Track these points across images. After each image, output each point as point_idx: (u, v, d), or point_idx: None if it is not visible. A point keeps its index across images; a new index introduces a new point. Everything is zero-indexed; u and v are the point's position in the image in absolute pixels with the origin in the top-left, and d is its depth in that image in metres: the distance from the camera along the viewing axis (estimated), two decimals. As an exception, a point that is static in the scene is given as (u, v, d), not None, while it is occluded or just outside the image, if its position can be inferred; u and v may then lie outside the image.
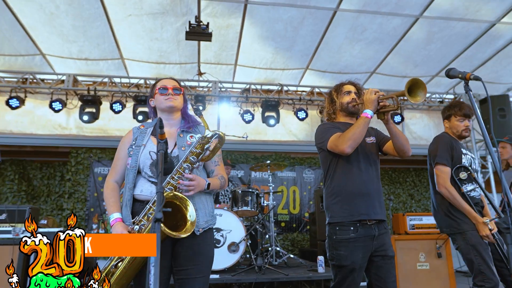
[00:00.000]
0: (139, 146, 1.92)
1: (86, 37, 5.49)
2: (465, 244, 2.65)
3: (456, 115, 2.92)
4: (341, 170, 2.32)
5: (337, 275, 2.29)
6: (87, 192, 6.38)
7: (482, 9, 5.08)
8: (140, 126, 2.07)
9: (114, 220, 1.79)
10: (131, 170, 1.88)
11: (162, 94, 1.98)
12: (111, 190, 1.91)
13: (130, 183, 1.85)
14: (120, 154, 1.98)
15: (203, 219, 1.86)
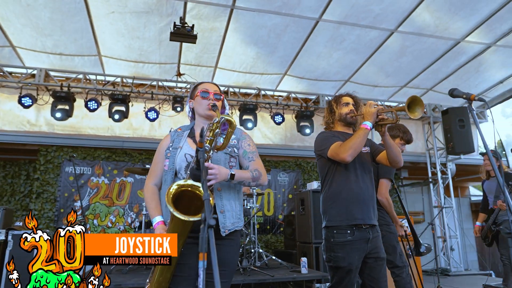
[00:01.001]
0: (176, 149, 1.95)
1: (63, 31, 5.30)
2: (390, 233, 3.13)
3: (402, 139, 3.32)
4: (339, 177, 2.46)
5: (335, 276, 2.43)
6: (57, 192, 6.12)
7: (450, 28, 5.50)
8: (177, 129, 2.10)
9: (156, 224, 1.82)
10: (169, 172, 1.91)
11: (203, 98, 2.01)
12: (152, 194, 1.94)
13: (169, 184, 1.87)
14: (158, 158, 2.00)
15: (229, 221, 1.88)
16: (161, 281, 1.72)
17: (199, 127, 2.05)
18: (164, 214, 1.86)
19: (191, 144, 1.98)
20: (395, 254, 3.09)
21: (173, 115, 6.64)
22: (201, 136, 1.47)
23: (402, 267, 3.08)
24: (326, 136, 2.56)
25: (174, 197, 1.62)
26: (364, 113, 2.36)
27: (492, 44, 5.91)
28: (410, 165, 8.13)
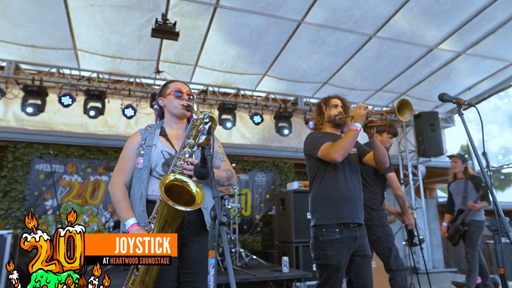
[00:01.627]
0: (150, 146, 1.92)
1: (37, 22, 5.08)
2: (386, 235, 3.18)
3: (389, 133, 3.44)
4: (328, 176, 2.51)
5: (323, 274, 2.47)
6: (26, 190, 5.84)
7: (425, 35, 5.73)
8: (147, 127, 2.06)
9: (131, 226, 1.76)
10: (145, 169, 1.87)
11: (177, 97, 1.99)
12: (123, 194, 1.87)
13: (145, 182, 1.84)
14: (129, 155, 1.94)
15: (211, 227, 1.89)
16: (147, 282, 1.69)
17: (170, 126, 2.05)
18: (138, 216, 1.80)
19: (164, 142, 1.97)
20: (390, 257, 3.14)
21: (151, 112, 6.51)
22: (208, 134, 1.46)
23: (396, 271, 3.11)
24: (316, 136, 2.61)
25: (165, 189, 1.62)
26: (354, 115, 2.42)
27: (462, 52, 6.20)
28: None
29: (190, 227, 1.84)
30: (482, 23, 5.50)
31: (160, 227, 1.64)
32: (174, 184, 1.68)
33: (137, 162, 1.90)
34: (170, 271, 1.77)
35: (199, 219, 1.85)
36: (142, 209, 1.81)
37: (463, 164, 5.06)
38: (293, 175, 7.61)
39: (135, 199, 1.85)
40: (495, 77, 7.10)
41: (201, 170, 1.53)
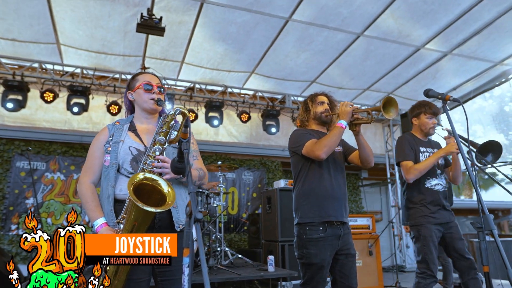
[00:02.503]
0: (117, 143, 1.84)
1: (17, 15, 4.93)
2: (418, 235, 2.92)
3: (426, 113, 3.07)
4: (312, 174, 2.49)
5: (307, 273, 2.43)
6: (6, 188, 5.68)
7: (412, 35, 5.75)
8: (115, 122, 1.97)
9: (100, 226, 1.69)
10: (112, 167, 1.79)
11: (147, 91, 1.90)
12: (92, 193, 1.78)
13: (112, 180, 1.77)
14: (96, 153, 1.86)
15: (183, 216, 1.83)
16: (117, 285, 1.64)
17: (140, 121, 1.97)
18: (107, 215, 1.74)
19: (133, 137, 1.89)
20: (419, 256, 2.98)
21: (136, 110, 6.40)
22: (185, 127, 1.40)
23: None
24: (301, 133, 2.58)
25: (134, 188, 1.57)
26: (340, 112, 2.40)
27: (448, 52, 6.25)
28: (370, 165, 8.41)
29: (161, 226, 1.78)
30: (468, 23, 5.54)
31: (128, 229, 1.58)
32: (143, 183, 1.61)
33: (104, 159, 1.82)
34: (143, 271, 1.72)
35: (168, 218, 1.79)
36: (110, 208, 1.74)
37: None
38: (280, 173, 7.59)
39: (103, 199, 1.78)
40: (480, 78, 7.17)
41: (178, 165, 1.48)
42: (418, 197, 2.97)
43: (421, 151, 3.04)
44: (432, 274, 2.83)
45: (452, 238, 2.91)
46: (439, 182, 3.00)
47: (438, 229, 2.92)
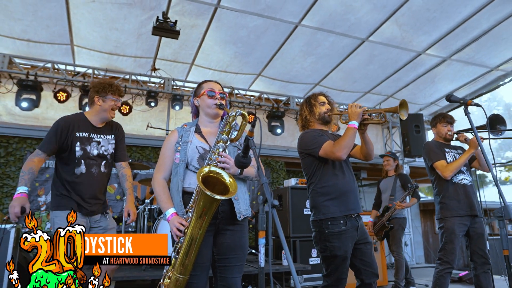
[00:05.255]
0: (186, 143, 2.05)
1: (35, 16, 5.05)
2: (445, 227, 3.27)
3: (441, 122, 3.52)
4: (327, 172, 2.64)
5: (331, 265, 2.59)
6: (19, 186, 5.76)
7: (414, 41, 6.01)
8: (183, 125, 2.19)
9: (170, 215, 1.89)
10: (181, 164, 2.00)
11: (210, 97, 2.12)
12: (163, 187, 2.01)
13: (181, 175, 1.97)
14: (167, 152, 2.08)
15: (243, 207, 2.04)
16: (187, 264, 1.81)
17: (204, 124, 2.18)
18: (176, 206, 1.95)
19: (199, 138, 2.10)
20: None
21: (146, 109, 6.55)
22: (252, 126, 1.59)
23: None
24: (314, 135, 2.70)
25: (202, 180, 1.74)
26: (350, 114, 2.53)
27: (447, 58, 6.53)
28: (369, 166, 8.66)
29: (223, 217, 1.97)
30: (467, 30, 5.83)
31: (198, 215, 1.76)
32: (209, 175, 1.80)
33: (174, 157, 2.04)
34: (205, 256, 1.90)
35: (230, 210, 1.98)
36: (179, 199, 1.94)
37: (394, 162, 5.34)
38: (284, 173, 7.78)
39: (173, 191, 1.98)
40: (476, 83, 7.48)
41: (242, 159, 1.66)
42: (446, 193, 3.31)
43: (446, 151, 3.41)
44: (448, 261, 3.16)
45: (476, 232, 3.25)
46: (465, 177, 3.35)
47: (463, 222, 3.23)
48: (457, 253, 3.18)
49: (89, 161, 2.78)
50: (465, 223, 3.22)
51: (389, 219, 4.87)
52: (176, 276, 1.78)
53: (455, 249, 3.16)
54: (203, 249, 1.91)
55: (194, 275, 1.89)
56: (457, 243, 3.17)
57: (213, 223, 1.92)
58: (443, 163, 3.31)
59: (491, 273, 3.18)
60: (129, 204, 2.81)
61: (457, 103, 2.18)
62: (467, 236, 3.31)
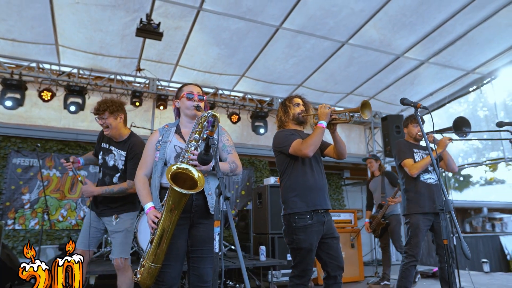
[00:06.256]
0: (165, 142, 2.21)
1: (20, 16, 5.11)
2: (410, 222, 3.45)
3: (412, 123, 3.72)
4: (297, 169, 2.82)
5: (297, 256, 2.76)
6: (3, 184, 5.82)
7: (393, 44, 6.20)
8: (164, 126, 2.35)
9: (148, 209, 2.06)
10: (160, 161, 2.16)
11: (188, 99, 2.27)
12: (144, 183, 2.18)
13: (159, 172, 2.13)
14: (148, 151, 2.26)
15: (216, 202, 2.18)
16: (159, 253, 1.95)
17: (184, 125, 2.33)
18: (154, 200, 2.11)
19: (178, 138, 2.25)
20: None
21: (131, 109, 6.63)
22: (212, 126, 1.73)
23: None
24: (285, 134, 2.89)
25: (171, 176, 1.88)
26: (319, 114, 2.72)
27: (425, 61, 6.75)
28: (352, 166, 8.86)
29: (197, 210, 2.12)
30: (443, 34, 6.04)
31: (168, 209, 1.89)
32: (179, 172, 1.94)
33: (155, 156, 2.20)
34: (179, 247, 2.04)
35: (204, 204, 2.13)
36: (156, 195, 2.11)
37: (377, 162, 5.60)
38: (268, 172, 7.94)
39: (152, 187, 2.14)
40: (454, 84, 7.71)
41: (204, 156, 1.80)
42: (413, 190, 3.49)
43: (415, 151, 3.60)
44: (413, 254, 3.35)
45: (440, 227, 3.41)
46: (431, 177, 3.53)
47: (428, 218, 3.42)
48: (421, 246, 3.37)
49: (105, 170, 3.07)
50: (430, 218, 3.41)
51: (384, 216, 5.09)
52: (149, 264, 1.92)
53: (420, 243, 3.35)
54: (178, 240, 2.05)
55: (169, 264, 2.04)
56: (421, 237, 3.36)
57: (187, 216, 2.07)
58: (410, 162, 3.49)
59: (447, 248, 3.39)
60: (93, 187, 3.00)
61: (407, 106, 2.33)
62: (432, 231, 3.50)
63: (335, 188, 9.13)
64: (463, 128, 3.79)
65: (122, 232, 2.98)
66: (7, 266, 4.30)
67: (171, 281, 2.06)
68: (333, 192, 9.09)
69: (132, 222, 3.06)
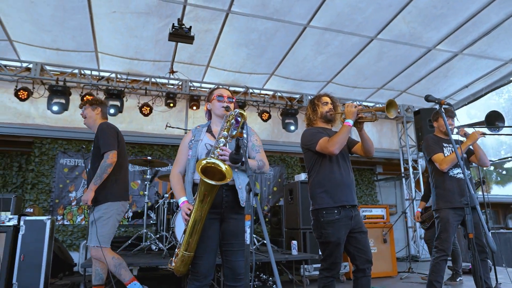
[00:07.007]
0: (197, 141, 2.39)
1: (62, 27, 5.50)
2: (440, 217, 3.45)
3: (442, 117, 3.50)
4: (324, 166, 2.89)
5: (326, 250, 2.86)
6: (52, 183, 6.30)
7: (423, 37, 6.10)
8: (197, 126, 2.54)
9: (182, 203, 2.24)
10: (192, 159, 2.33)
11: (219, 101, 2.45)
12: (178, 179, 2.38)
13: (192, 168, 2.30)
14: (182, 150, 2.45)
15: (246, 195, 2.32)
16: (191, 242, 2.11)
17: (215, 125, 2.49)
18: (188, 194, 2.27)
19: (209, 137, 2.41)
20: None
21: (165, 110, 6.95)
22: (241, 128, 1.88)
23: None
24: (313, 132, 2.97)
25: (202, 170, 2.04)
26: (346, 112, 2.78)
27: (459, 52, 6.57)
28: (385, 161, 8.77)
29: (227, 206, 2.27)
30: (477, 25, 5.87)
31: (200, 200, 2.06)
32: (208, 166, 2.10)
33: (188, 154, 2.38)
34: (213, 241, 2.21)
35: (234, 198, 2.28)
36: (189, 190, 2.29)
37: None
38: (299, 168, 8.03)
39: (186, 183, 2.33)
40: (492, 75, 7.45)
41: (235, 156, 1.96)
42: (442, 185, 3.48)
43: (444, 146, 3.57)
44: (443, 249, 3.34)
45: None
46: (461, 171, 3.49)
47: (458, 213, 3.39)
48: (451, 241, 3.36)
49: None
50: (460, 213, 3.39)
51: None
52: (182, 253, 2.09)
53: (450, 237, 3.35)
54: (210, 233, 2.21)
55: (201, 256, 2.20)
56: (451, 232, 3.35)
57: (218, 212, 2.23)
58: (440, 156, 3.48)
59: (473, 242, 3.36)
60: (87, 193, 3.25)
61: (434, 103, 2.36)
62: (463, 226, 3.48)
63: (367, 184, 9.07)
64: (496, 122, 3.74)
65: (92, 222, 3.25)
66: (59, 258, 4.69)
67: (205, 271, 2.21)
68: (365, 187, 9.04)
69: (103, 213, 3.25)
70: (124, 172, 3.57)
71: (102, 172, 3.23)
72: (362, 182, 9.04)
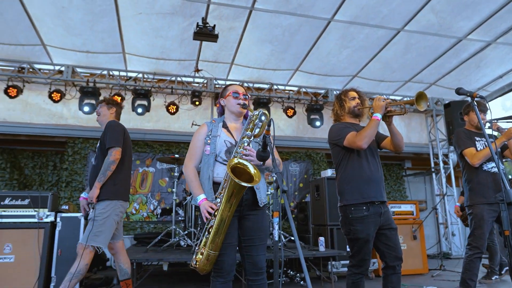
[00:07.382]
0: (215, 136, 2.36)
1: (92, 31, 5.68)
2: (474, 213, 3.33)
3: (473, 110, 3.50)
4: (352, 162, 2.84)
5: (354, 246, 2.82)
6: (85, 181, 6.54)
7: (453, 27, 5.89)
8: (211, 121, 2.50)
9: (201, 200, 2.21)
10: (211, 155, 2.31)
11: (235, 98, 2.43)
12: (195, 175, 2.33)
13: (211, 165, 2.29)
14: (198, 143, 2.39)
15: (263, 195, 2.34)
16: (217, 241, 2.14)
17: (230, 121, 2.48)
18: (206, 192, 2.24)
19: (226, 133, 2.39)
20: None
21: (191, 108, 7.05)
22: (268, 126, 1.89)
23: None
24: (340, 127, 2.92)
25: (231, 170, 2.06)
26: (374, 106, 2.72)
27: (492, 41, 6.30)
28: (414, 155, 8.55)
29: (246, 204, 2.29)
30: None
31: (227, 199, 2.08)
32: (237, 166, 2.12)
33: (205, 149, 2.35)
34: (233, 237, 2.23)
35: (253, 197, 2.29)
36: (209, 187, 2.26)
37: None
38: (325, 164, 7.96)
39: (203, 180, 2.31)
40: (528, 65, 7.11)
41: (262, 153, 1.97)
42: (475, 180, 3.36)
43: (477, 139, 3.44)
44: (477, 246, 3.23)
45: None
46: (495, 165, 3.34)
47: (492, 209, 3.26)
48: (486, 238, 3.25)
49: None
50: (495, 209, 3.25)
51: None
52: (208, 252, 2.12)
53: (484, 234, 3.23)
54: (231, 230, 2.23)
55: (224, 253, 2.21)
56: (486, 229, 3.23)
57: (238, 209, 2.24)
58: (471, 151, 3.36)
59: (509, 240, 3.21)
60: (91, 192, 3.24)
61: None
62: (498, 223, 3.34)
63: (396, 179, 8.87)
64: None
65: (92, 220, 3.18)
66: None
67: (229, 268, 2.22)
68: (393, 183, 8.85)
69: (100, 212, 3.16)
70: (125, 171, 3.52)
71: (106, 169, 3.21)
72: (390, 178, 8.85)
